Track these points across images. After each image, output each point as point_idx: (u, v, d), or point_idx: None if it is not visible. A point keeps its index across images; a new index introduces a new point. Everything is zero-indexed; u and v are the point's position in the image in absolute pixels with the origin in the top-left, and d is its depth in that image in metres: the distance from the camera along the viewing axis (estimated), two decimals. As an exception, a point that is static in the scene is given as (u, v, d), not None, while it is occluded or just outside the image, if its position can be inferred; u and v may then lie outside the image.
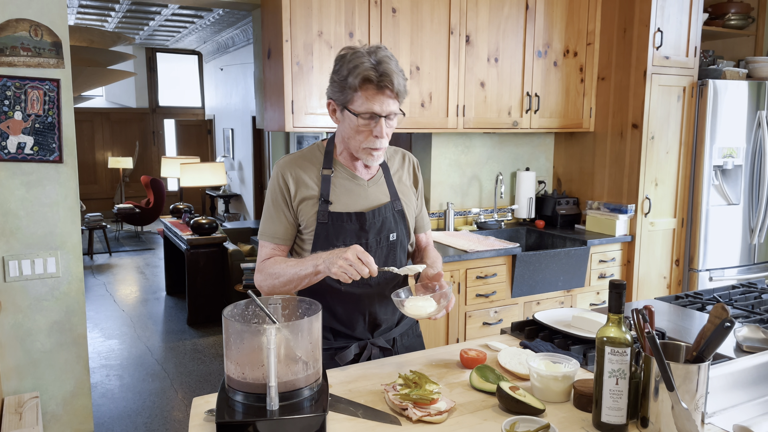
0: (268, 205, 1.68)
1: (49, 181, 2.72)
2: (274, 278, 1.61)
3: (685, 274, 3.84)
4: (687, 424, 1.17)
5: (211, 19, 8.11)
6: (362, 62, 1.52)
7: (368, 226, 1.66)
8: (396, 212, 1.72)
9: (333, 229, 1.64)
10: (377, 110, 1.55)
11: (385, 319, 1.74)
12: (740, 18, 4.00)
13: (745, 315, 1.92)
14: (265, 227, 1.69)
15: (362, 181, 1.70)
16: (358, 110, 1.55)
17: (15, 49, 2.58)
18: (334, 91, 1.59)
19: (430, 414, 1.29)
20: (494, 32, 3.46)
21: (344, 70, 1.55)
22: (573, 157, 4.08)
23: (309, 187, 1.65)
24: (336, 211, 1.64)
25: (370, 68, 1.52)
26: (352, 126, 1.58)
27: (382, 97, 1.55)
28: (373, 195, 1.70)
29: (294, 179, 1.65)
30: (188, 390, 3.91)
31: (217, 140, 10.99)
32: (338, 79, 1.57)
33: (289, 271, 1.58)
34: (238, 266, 5.23)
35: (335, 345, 1.70)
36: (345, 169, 1.69)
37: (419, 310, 1.52)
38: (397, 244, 1.73)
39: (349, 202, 1.66)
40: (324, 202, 1.63)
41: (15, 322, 2.75)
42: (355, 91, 1.54)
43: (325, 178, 1.66)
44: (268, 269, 1.64)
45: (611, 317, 1.24)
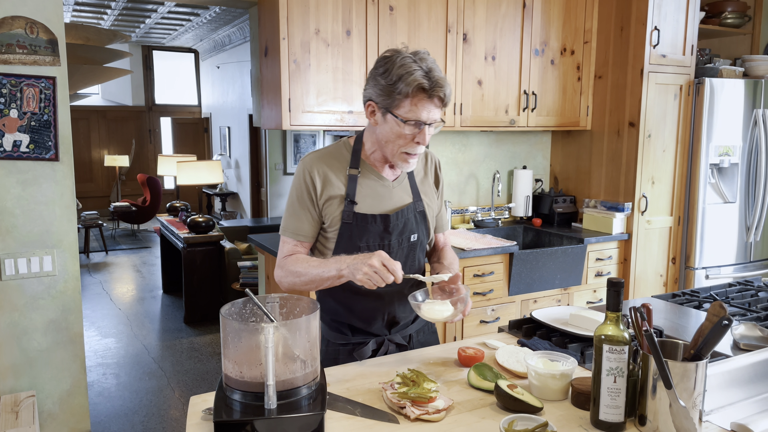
0: (293, 201, 1.67)
1: (45, 179, 2.71)
2: (295, 276, 1.61)
3: (681, 272, 3.85)
4: (685, 422, 1.17)
5: (208, 17, 8.09)
6: (413, 69, 1.50)
7: (392, 227, 1.66)
8: (418, 213, 1.72)
9: (357, 229, 1.64)
10: (424, 118, 1.54)
11: (403, 316, 1.76)
12: (737, 16, 4.01)
13: (742, 313, 1.92)
14: (288, 223, 1.68)
15: (387, 182, 1.69)
16: (405, 116, 1.53)
17: (10, 47, 2.57)
18: (379, 94, 1.56)
19: (428, 412, 1.29)
20: (491, 30, 3.46)
21: (393, 75, 1.52)
22: (570, 155, 4.08)
23: (335, 186, 1.64)
24: (361, 212, 1.64)
25: (423, 77, 1.50)
26: (394, 131, 1.57)
27: (431, 106, 1.54)
28: (397, 196, 1.70)
29: (321, 177, 1.64)
30: (185, 389, 3.91)
31: (213, 138, 10.97)
32: (386, 83, 1.53)
33: (312, 271, 1.57)
34: (235, 265, 5.23)
35: (353, 341, 1.71)
36: (371, 169, 1.68)
37: (436, 314, 1.53)
38: (417, 244, 1.74)
39: (374, 203, 1.66)
40: (350, 203, 1.63)
41: (11, 321, 2.74)
42: (405, 98, 1.52)
43: (352, 177, 1.65)
44: (290, 267, 1.63)
45: (609, 315, 1.24)
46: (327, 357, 1.73)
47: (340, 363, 1.66)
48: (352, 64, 3.09)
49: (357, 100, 3.13)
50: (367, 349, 1.67)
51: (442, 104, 1.56)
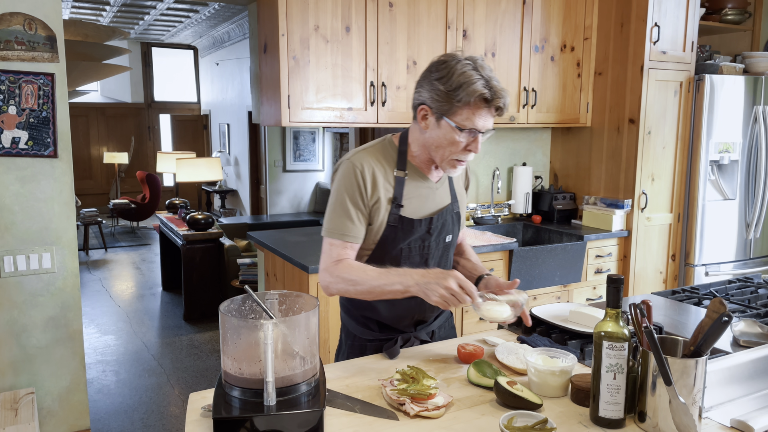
0: (342, 200, 1.61)
1: (43, 176, 2.71)
2: (349, 284, 1.57)
3: (681, 269, 3.85)
4: (684, 419, 1.17)
5: (207, 14, 8.07)
6: (475, 79, 1.49)
7: (433, 229, 1.67)
8: (454, 214, 1.74)
9: (402, 232, 1.63)
10: (480, 126, 1.54)
11: (430, 315, 1.78)
12: (737, 13, 4.00)
13: (742, 310, 1.92)
14: (335, 224, 1.61)
15: (432, 183, 1.69)
16: (462, 124, 1.52)
17: (9, 43, 2.56)
18: (435, 99, 1.53)
19: (428, 409, 1.29)
20: (491, 27, 3.45)
21: (453, 82, 1.49)
22: (570, 152, 4.08)
23: (383, 188, 1.62)
24: (407, 216, 1.63)
25: (485, 86, 1.49)
26: (448, 137, 1.55)
27: (488, 115, 1.54)
28: (438, 198, 1.70)
29: (372, 177, 1.61)
30: (185, 385, 3.91)
31: (212, 135, 10.96)
32: (444, 89, 1.51)
33: (372, 282, 1.54)
34: (234, 262, 5.23)
35: (380, 336, 1.72)
36: (417, 171, 1.67)
37: (496, 314, 1.53)
38: (450, 245, 1.76)
39: (419, 205, 1.66)
40: (397, 206, 1.62)
41: (10, 318, 2.74)
42: (465, 106, 1.51)
43: (399, 180, 1.63)
44: (343, 273, 1.58)
45: (609, 312, 1.24)
46: (353, 351, 1.75)
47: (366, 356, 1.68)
48: (351, 61, 3.08)
49: (357, 97, 3.12)
50: (397, 347, 1.67)
51: (497, 113, 1.56)
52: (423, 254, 1.68)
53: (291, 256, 2.88)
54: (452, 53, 1.57)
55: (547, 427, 1.17)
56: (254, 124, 8.60)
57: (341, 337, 1.84)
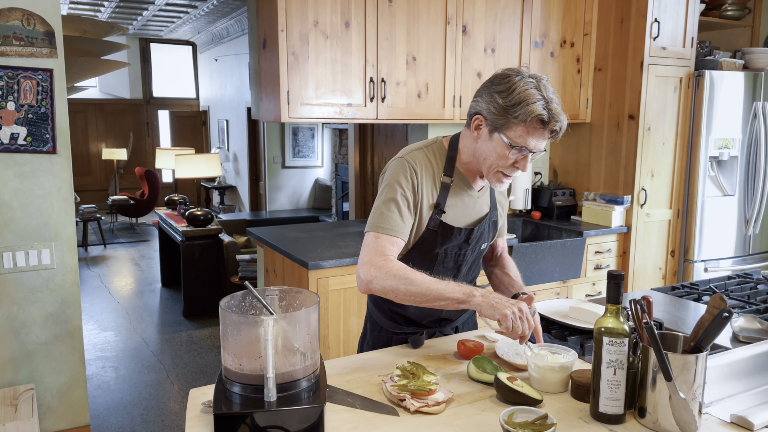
0: (393, 196, 1.58)
1: (42, 172, 2.70)
2: (402, 282, 1.50)
3: (680, 264, 3.85)
4: (684, 414, 1.17)
5: (206, 9, 8.05)
6: (536, 99, 1.47)
7: (471, 239, 1.68)
8: (492, 223, 1.74)
9: (440, 237, 1.64)
10: (531, 146, 1.52)
11: (455, 315, 1.80)
12: (737, 9, 3.99)
13: (741, 306, 1.92)
14: (384, 219, 1.58)
15: (475, 192, 1.69)
16: (515, 141, 1.51)
17: (7, 39, 2.55)
18: (492, 111, 1.52)
19: (428, 405, 1.29)
20: (491, 22, 3.44)
21: (513, 98, 1.48)
22: (569, 148, 4.08)
23: (431, 191, 1.62)
24: (448, 223, 1.63)
25: (543, 108, 1.47)
26: (498, 151, 1.54)
27: (542, 136, 1.52)
28: (479, 206, 1.71)
29: (424, 178, 1.61)
30: (184, 382, 3.91)
31: (211, 131, 10.94)
32: (503, 103, 1.49)
33: (430, 285, 1.49)
34: (233, 258, 5.22)
35: (406, 330, 1.75)
36: (463, 179, 1.67)
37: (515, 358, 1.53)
38: (484, 251, 1.77)
39: (460, 213, 1.66)
40: (439, 212, 1.62)
41: (9, 314, 2.73)
42: (521, 124, 1.49)
43: (444, 186, 1.63)
44: (394, 269, 1.51)
45: (609, 308, 1.24)
46: (379, 342, 1.77)
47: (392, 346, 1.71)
48: (351, 57, 3.07)
49: (356, 93, 3.11)
50: (422, 338, 1.69)
51: (551, 135, 1.53)
52: (457, 261, 1.70)
53: (290, 252, 2.88)
54: (517, 69, 1.54)
55: (547, 422, 1.17)
56: (253, 120, 8.59)
57: (366, 326, 1.86)
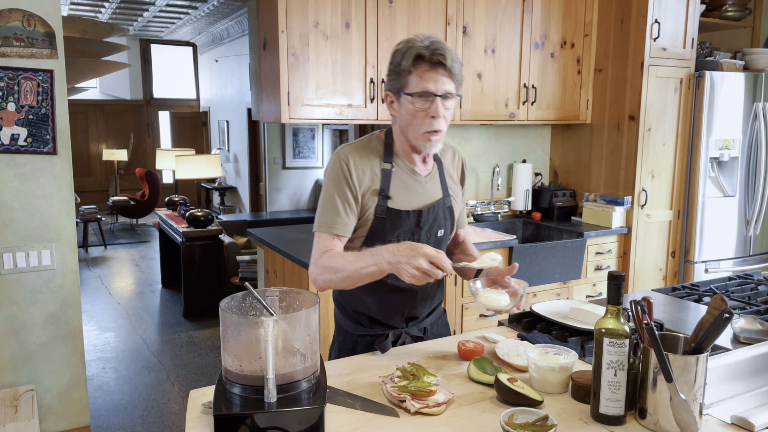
0: (330, 194, 1.62)
1: (43, 172, 2.70)
2: (331, 272, 1.56)
3: (681, 265, 3.85)
4: (685, 415, 1.17)
5: (206, 10, 8.05)
6: (416, 44, 1.53)
7: (423, 222, 1.66)
8: (446, 209, 1.73)
9: (390, 224, 1.63)
10: (432, 89, 1.53)
11: (422, 311, 1.77)
12: (737, 9, 3.99)
13: (742, 306, 1.92)
14: (324, 218, 1.63)
15: (420, 177, 1.69)
16: (413, 91, 1.54)
17: (8, 39, 2.55)
18: (390, 80, 1.60)
19: (428, 406, 1.29)
20: (491, 23, 3.44)
21: (397, 55, 1.56)
22: (570, 149, 4.08)
23: (371, 180, 1.63)
24: (395, 208, 1.63)
25: (423, 47, 1.52)
26: (409, 111, 1.57)
27: (436, 75, 1.53)
28: (428, 191, 1.70)
29: (359, 170, 1.63)
30: (184, 382, 3.91)
31: (212, 132, 10.94)
32: (393, 67, 1.57)
33: (350, 266, 1.53)
34: (233, 259, 5.22)
35: (371, 332, 1.72)
36: (405, 164, 1.67)
37: (494, 302, 1.53)
38: (443, 239, 1.75)
39: (407, 198, 1.66)
40: (384, 198, 1.62)
41: (10, 315, 2.73)
42: (409, 73, 1.54)
43: (386, 172, 1.64)
44: (325, 262, 1.58)
45: (610, 309, 1.24)
46: (344, 347, 1.74)
47: (357, 353, 1.67)
48: (351, 58, 3.07)
49: (356, 94, 3.11)
50: (388, 342, 1.67)
51: (450, 75, 1.55)
52: None
53: (291, 253, 2.88)
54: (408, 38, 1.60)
55: (547, 423, 1.17)
56: (254, 121, 8.59)
57: (334, 333, 1.84)
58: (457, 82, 1.58)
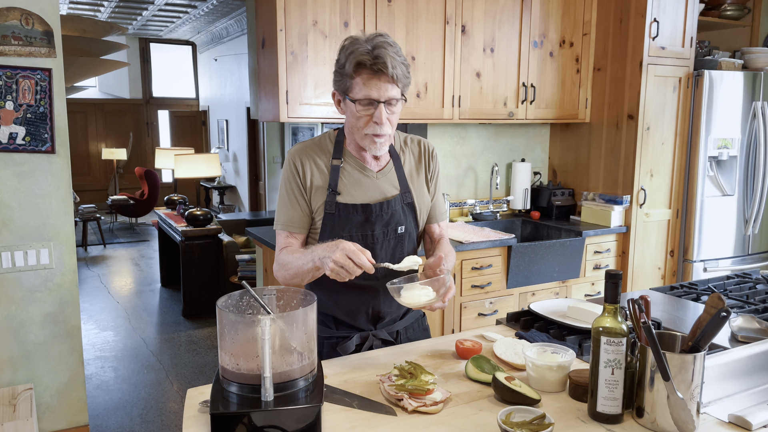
0: (282, 193, 1.67)
1: (41, 171, 2.70)
2: (284, 269, 1.62)
3: (679, 264, 3.85)
4: (682, 414, 1.17)
5: (205, 9, 8.05)
6: (358, 48, 1.51)
7: (374, 217, 1.64)
8: (405, 205, 1.69)
9: (339, 220, 1.62)
10: (375, 96, 1.52)
11: (389, 312, 1.72)
12: (736, 8, 3.99)
13: (740, 305, 1.92)
14: (279, 216, 1.68)
15: (371, 172, 1.68)
16: (356, 97, 1.54)
17: (6, 38, 2.55)
18: (336, 80, 1.59)
19: (426, 404, 1.29)
20: (490, 22, 3.44)
21: (342, 58, 1.54)
22: (568, 148, 4.08)
23: (320, 177, 1.65)
24: (343, 202, 1.63)
25: (365, 53, 1.49)
26: (353, 113, 1.57)
27: (379, 83, 1.51)
28: (382, 187, 1.68)
29: (307, 167, 1.65)
30: (183, 381, 3.91)
31: (211, 131, 10.94)
32: (338, 68, 1.57)
33: (295, 263, 1.57)
34: (233, 258, 5.22)
35: (337, 334, 1.70)
36: (355, 160, 1.67)
37: (414, 298, 1.44)
38: (405, 236, 1.70)
39: (357, 193, 1.65)
40: (332, 193, 1.62)
41: (8, 314, 2.73)
42: (352, 78, 1.53)
43: (334, 168, 1.65)
44: (280, 259, 1.63)
45: (607, 307, 1.24)
46: None
47: (323, 357, 1.63)
48: (349, 56, 3.07)
49: (355, 93, 3.11)
50: (350, 344, 1.65)
51: (393, 81, 1.52)
52: (368, 244, 1.63)
53: (289, 252, 2.87)
54: (355, 35, 1.58)
55: (545, 422, 1.17)
56: (253, 120, 8.58)
57: None
58: (402, 85, 1.55)
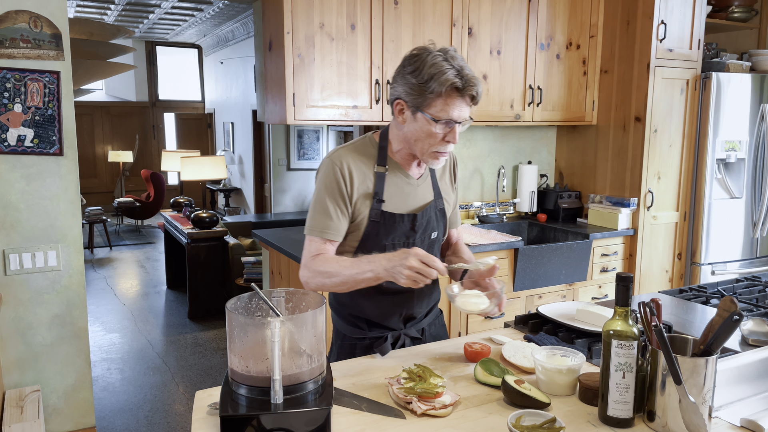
0: (322, 198, 1.62)
1: (49, 173, 2.71)
2: (325, 277, 1.57)
3: (687, 267, 3.83)
4: (694, 418, 1.16)
5: (211, 12, 8.07)
6: (446, 69, 1.49)
7: (417, 226, 1.66)
8: (438, 211, 1.73)
9: (384, 228, 1.63)
10: (455, 117, 1.53)
11: (419, 312, 1.77)
12: (744, 11, 3.98)
13: (750, 309, 1.91)
14: (315, 222, 1.62)
15: (413, 180, 1.69)
16: (437, 116, 1.53)
17: (14, 41, 2.56)
18: (408, 93, 1.55)
19: (435, 407, 1.28)
20: (497, 24, 3.44)
21: (425, 74, 1.50)
22: (575, 150, 4.06)
23: (365, 183, 1.63)
24: (389, 211, 1.63)
25: (455, 75, 1.49)
26: (425, 129, 1.55)
27: (462, 104, 1.54)
28: (421, 194, 1.70)
29: (355, 174, 1.62)
30: (189, 383, 3.91)
31: (217, 134, 10.97)
32: (417, 82, 1.52)
33: (345, 272, 1.54)
34: (238, 260, 5.23)
35: (369, 335, 1.72)
36: (398, 167, 1.67)
37: (471, 306, 1.54)
38: (436, 241, 1.75)
39: (401, 201, 1.66)
40: (378, 201, 1.62)
41: (16, 316, 2.74)
42: (438, 97, 1.51)
43: (380, 175, 1.64)
44: (318, 267, 1.58)
45: (618, 310, 1.23)
46: (343, 351, 1.74)
47: (357, 357, 1.66)
48: (356, 59, 3.07)
49: (362, 95, 3.11)
50: (387, 345, 1.66)
51: (473, 102, 1.56)
52: None
53: (296, 255, 2.88)
54: (424, 46, 1.57)
55: (555, 426, 1.16)
56: (258, 122, 8.60)
57: (332, 338, 1.83)
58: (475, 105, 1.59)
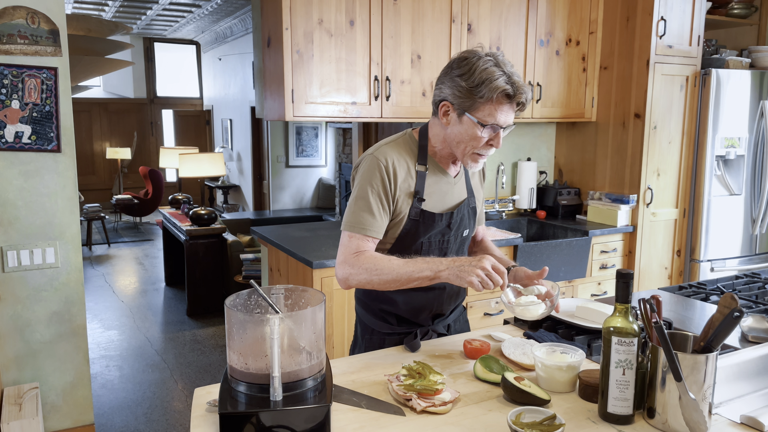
0: (365, 194, 1.60)
1: (47, 170, 2.70)
2: (372, 274, 1.55)
3: (686, 264, 3.83)
4: (694, 415, 1.16)
5: (210, 9, 8.05)
6: (497, 75, 1.50)
7: (453, 224, 1.69)
8: (470, 209, 1.76)
9: (423, 226, 1.65)
10: (501, 122, 1.55)
11: (447, 308, 1.80)
12: (743, 7, 3.97)
13: (749, 305, 1.90)
14: (357, 218, 1.61)
15: (450, 178, 1.71)
16: (484, 120, 1.54)
17: (12, 37, 2.55)
18: (456, 96, 1.55)
19: (435, 404, 1.28)
20: (496, 21, 3.43)
21: (475, 78, 1.51)
22: (575, 147, 4.06)
23: (406, 182, 1.63)
24: (429, 210, 1.65)
25: (507, 82, 1.51)
26: (470, 132, 1.56)
27: (509, 110, 1.55)
28: (456, 193, 1.72)
29: (399, 172, 1.62)
30: (188, 381, 3.91)
31: (215, 131, 10.95)
32: (467, 86, 1.52)
33: (399, 270, 1.53)
34: (237, 257, 5.22)
35: (398, 330, 1.74)
36: (437, 166, 1.69)
37: (531, 312, 1.55)
38: (467, 238, 1.79)
39: (439, 200, 1.68)
40: (419, 200, 1.64)
41: (14, 313, 2.73)
42: (487, 102, 1.52)
43: (420, 174, 1.65)
44: (365, 264, 1.56)
45: (618, 307, 1.23)
46: (372, 345, 1.75)
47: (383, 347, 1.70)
48: (355, 55, 3.06)
49: (361, 92, 3.10)
50: (418, 341, 1.67)
51: (519, 108, 1.57)
52: (442, 248, 1.71)
53: (295, 251, 2.87)
54: (473, 50, 1.57)
55: (555, 423, 1.16)
56: (257, 119, 8.58)
57: (356, 331, 1.83)
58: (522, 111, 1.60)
